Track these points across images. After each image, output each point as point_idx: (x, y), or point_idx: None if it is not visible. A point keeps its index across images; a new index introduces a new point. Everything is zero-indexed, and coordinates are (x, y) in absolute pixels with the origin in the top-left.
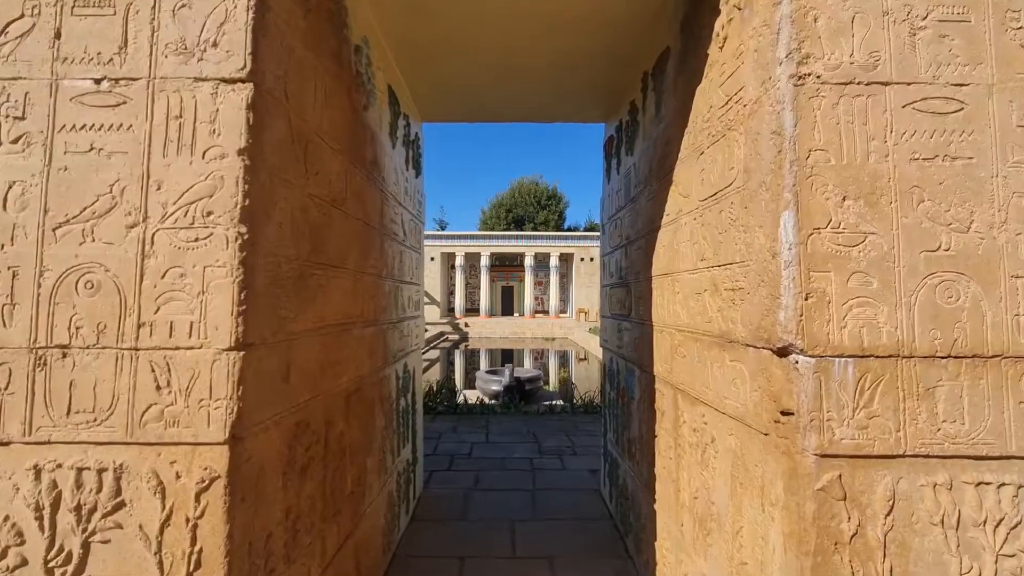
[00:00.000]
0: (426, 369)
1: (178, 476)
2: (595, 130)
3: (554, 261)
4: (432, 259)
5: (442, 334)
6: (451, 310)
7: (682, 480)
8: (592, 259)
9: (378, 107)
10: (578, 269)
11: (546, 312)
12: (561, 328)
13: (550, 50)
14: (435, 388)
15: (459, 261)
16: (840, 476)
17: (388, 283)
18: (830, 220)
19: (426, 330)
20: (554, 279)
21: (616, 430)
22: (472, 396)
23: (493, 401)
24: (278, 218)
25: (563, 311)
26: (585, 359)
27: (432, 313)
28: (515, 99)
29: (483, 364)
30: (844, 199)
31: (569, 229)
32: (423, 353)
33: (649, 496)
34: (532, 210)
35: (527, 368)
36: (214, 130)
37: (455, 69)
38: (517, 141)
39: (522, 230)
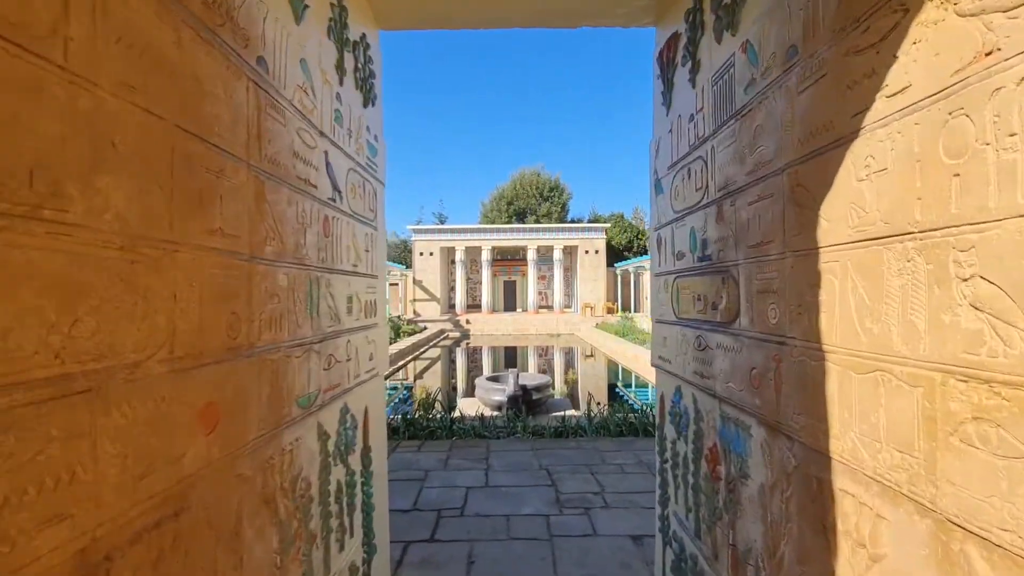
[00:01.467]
0: (426, 369)
1: None
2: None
3: (557, 254)
4: (431, 254)
5: (442, 331)
6: (452, 306)
7: None
8: (597, 251)
9: None
10: (582, 262)
11: (550, 307)
12: (566, 324)
13: None
14: (428, 401)
15: (459, 256)
16: None
17: (285, 271)
18: None
19: (425, 327)
20: (558, 273)
21: (692, 507)
22: (472, 406)
23: (495, 413)
24: None
25: (567, 306)
26: (592, 356)
27: (432, 310)
28: None
29: (485, 363)
30: None
31: (572, 221)
32: (422, 352)
33: None
34: (534, 202)
35: (533, 374)
36: None
37: None
38: (518, 124)
39: (524, 223)
